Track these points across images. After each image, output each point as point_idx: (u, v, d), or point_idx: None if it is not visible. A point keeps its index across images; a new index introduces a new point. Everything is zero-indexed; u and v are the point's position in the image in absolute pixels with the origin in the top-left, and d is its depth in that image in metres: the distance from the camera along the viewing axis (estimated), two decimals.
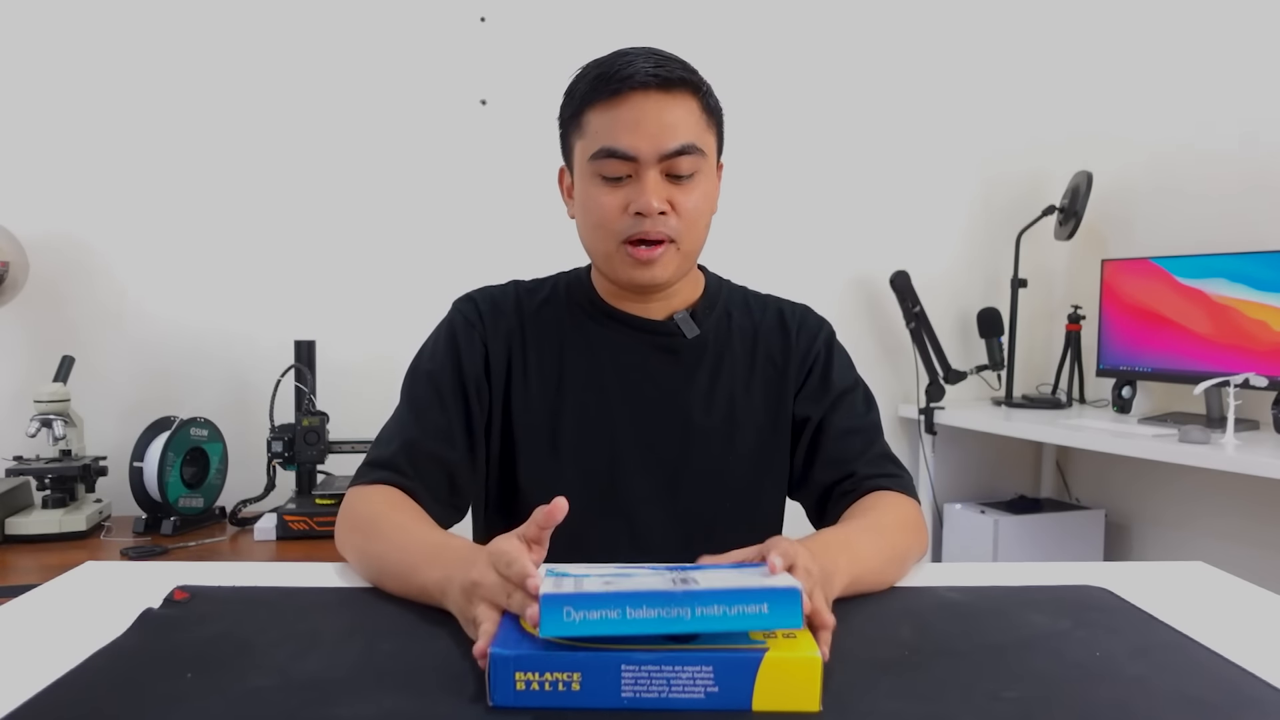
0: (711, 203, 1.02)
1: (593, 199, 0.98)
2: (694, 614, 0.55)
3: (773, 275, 1.49)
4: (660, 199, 0.95)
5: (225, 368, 2.15)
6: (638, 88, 0.93)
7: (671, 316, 1.06)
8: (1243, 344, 2.12)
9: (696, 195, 0.97)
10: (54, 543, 1.72)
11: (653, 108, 0.94)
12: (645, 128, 0.93)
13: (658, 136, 0.94)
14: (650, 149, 0.94)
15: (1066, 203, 2.52)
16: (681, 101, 0.95)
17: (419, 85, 2.26)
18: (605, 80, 0.94)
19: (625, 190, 0.96)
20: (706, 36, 2.41)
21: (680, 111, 0.95)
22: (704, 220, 1.01)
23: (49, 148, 2.06)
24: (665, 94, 0.94)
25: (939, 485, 2.63)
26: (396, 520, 0.89)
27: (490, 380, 1.04)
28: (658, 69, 0.93)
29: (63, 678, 0.60)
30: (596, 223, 0.98)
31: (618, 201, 0.96)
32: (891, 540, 0.88)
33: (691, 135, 0.95)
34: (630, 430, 1.03)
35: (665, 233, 0.96)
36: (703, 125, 0.97)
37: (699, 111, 0.97)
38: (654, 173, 0.95)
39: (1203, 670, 0.65)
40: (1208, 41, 2.37)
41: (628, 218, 0.96)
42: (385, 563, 0.83)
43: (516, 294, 1.09)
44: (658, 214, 0.95)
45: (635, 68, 0.93)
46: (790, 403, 1.07)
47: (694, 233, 0.99)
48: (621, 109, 0.94)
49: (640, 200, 0.94)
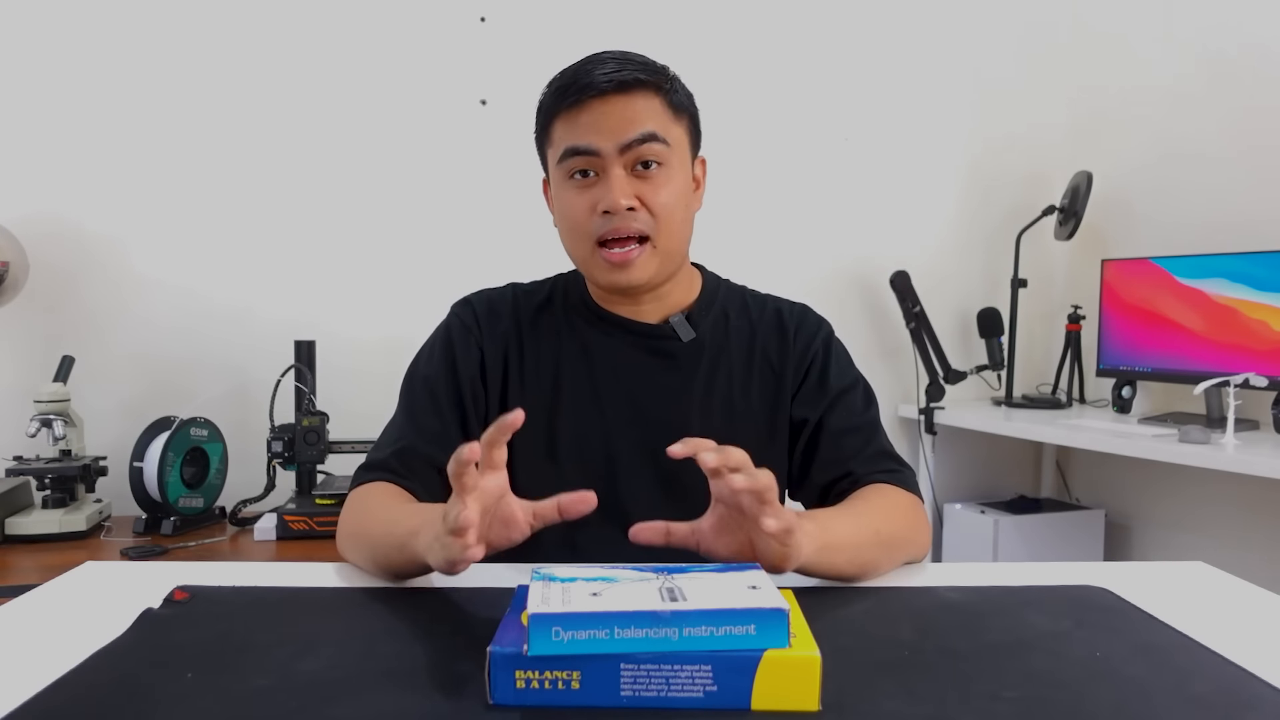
0: (687, 198, 1.01)
1: (565, 203, 0.99)
2: (681, 634, 0.56)
3: (772, 275, 1.49)
4: (626, 194, 0.95)
5: (225, 368, 2.15)
6: (596, 95, 0.94)
7: (667, 320, 1.06)
8: (1243, 344, 2.12)
9: (667, 190, 0.97)
10: (54, 543, 1.72)
11: (613, 109, 0.95)
12: (605, 125, 0.95)
13: (617, 129, 0.95)
14: (610, 142, 0.95)
15: (1066, 203, 2.52)
16: (642, 99, 0.96)
17: (419, 85, 2.26)
18: (565, 91, 0.96)
19: (594, 190, 0.97)
20: (706, 36, 2.41)
21: (640, 107, 0.96)
22: (679, 216, 1.00)
23: (50, 147, 2.06)
24: (624, 95, 0.95)
25: (939, 485, 2.63)
26: (387, 501, 0.93)
27: (486, 385, 1.04)
28: (616, 73, 0.94)
29: (63, 678, 0.60)
30: (570, 226, 0.99)
31: (586, 202, 0.97)
32: (873, 521, 0.88)
33: (653, 126, 0.96)
34: (627, 435, 1.03)
35: (637, 229, 0.96)
36: (667, 118, 0.98)
37: (662, 106, 0.97)
38: (618, 168, 0.95)
39: (1203, 670, 0.65)
40: (1207, 41, 2.37)
41: (597, 217, 0.96)
42: (371, 537, 0.86)
43: (514, 297, 1.09)
44: (625, 210, 0.95)
45: (593, 76, 0.95)
46: (788, 405, 1.06)
47: (669, 229, 0.98)
48: (582, 115, 0.96)
49: (606, 198, 0.95)
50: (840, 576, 0.83)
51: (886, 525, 0.89)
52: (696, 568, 0.66)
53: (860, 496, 0.96)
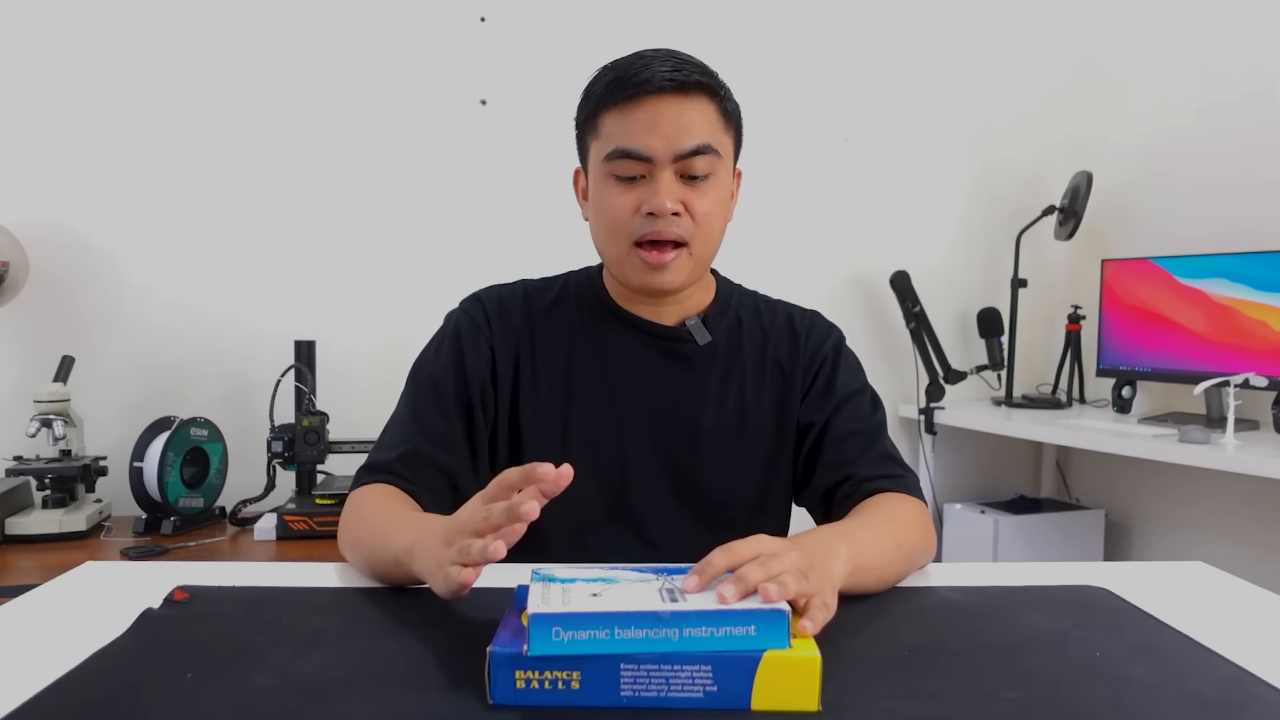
0: (726, 208, 1.01)
1: (606, 200, 0.97)
2: (681, 635, 0.56)
3: (773, 275, 1.49)
4: (674, 199, 0.94)
5: (225, 368, 2.15)
6: (654, 92, 0.93)
7: (684, 322, 1.05)
8: (1243, 344, 2.12)
9: (710, 199, 0.97)
10: (54, 543, 1.72)
11: (669, 110, 0.93)
12: (660, 128, 0.93)
13: (673, 137, 0.93)
14: (665, 149, 0.93)
15: (1066, 203, 2.52)
16: (698, 104, 0.95)
17: (419, 85, 2.26)
18: (621, 84, 0.94)
19: (638, 191, 0.95)
20: (706, 36, 2.41)
21: (696, 113, 0.94)
22: (718, 225, 1.00)
23: (50, 147, 2.06)
24: (682, 97, 0.94)
25: (939, 485, 2.63)
26: (383, 507, 0.91)
27: (497, 385, 1.03)
28: (675, 73, 0.93)
29: (63, 678, 0.60)
30: (609, 224, 0.98)
31: (630, 202, 0.95)
32: (895, 535, 0.87)
33: (707, 136, 0.95)
34: (640, 437, 1.03)
35: (677, 234, 0.95)
36: (720, 128, 0.97)
37: (716, 114, 0.96)
38: (668, 173, 0.94)
39: (1203, 670, 0.65)
40: (1207, 41, 2.37)
41: (640, 218, 0.95)
42: (367, 546, 0.85)
43: (525, 294, 1.08)
44: (670, 215, 0.94)
45: (652, 71, 0.93)
46: (796, 409, 1.06)
47: (707, 237, 0.98)
48: (637, 112, 0.94)
49: (653, 200, 0.94)
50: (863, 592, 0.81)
51: (907, 538, 0.89)
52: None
53: (877, 507, 0.94)
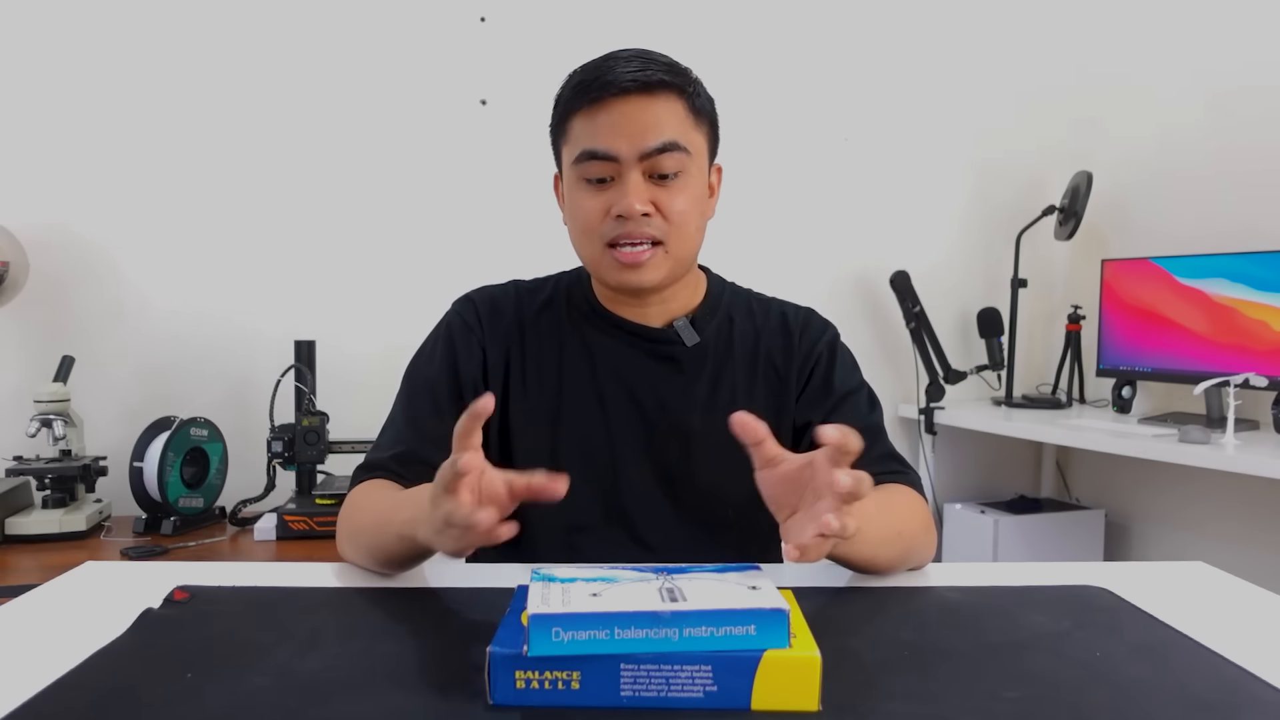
0: (703, 206, 1.00)
1: (578, 204, 0.97)
2: (681, 635, 0.56)
3: (773, 275, 1.49)
4: (642, 200, 0.93)
5: (225, 368, 2.15)
6: (618, 94, 0.92)
7: (671, 323, 1.05)
8: (1243, 344, 2.12)
9: (683, 197, 0.96)
10: (54, 543, 1.72)
11: (633, 110, 0.93)
12: (625, 128, 0.93)
13: (637, 136, 0.93)
14: (630, 149, 0.93)
15: (1066, 203, 2.52)
16: (664, 102, 0.94)
17: (419, 85, 2.26)
18: (586, 87, 0.94)
19: (608, 193, 0.95)
20: (706, 36, 2.41)
21: (662, 111, 0.94)
22: (693, 223, 0.98)
23: (50, 147, 2.06)
24: (647, 96, 0.93)
25: (939, 485, 2.63)
26: (378, 494, 0.93)
27: (488, 385, 1.03)
28: (639, 72, 0.92)
29: (63, 678, 0.60)
30: (582, 227, 0.98)
31: (600, 205, 0.95)
32: (897, 522, 0.87)
33: (674, 133, 0.94)
34: (630, 439, 1.02)
35: (649, 234, 0.95)
36: (688, 124, 0.96)
37: (684, 111, 0.95)
38: (635, 174, 0.94)
39: (1203, 670, 0.65)
40: (1207, 40, 2.37)
41: (610, 220, 0.95)
42: (367, 533, 0.87)
43: (517, 295, 1.08)
44: (640, 215, 0.93)
45: (615, 74, 0.92)
46: (792, 408, 1.05)
47: (683, 236, 0.97)
48: (601, 114, 0.93)
49: (621, 202, 0.93)
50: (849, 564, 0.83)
51: (907, 527, 0.89)
52: (696, 568, 0.66)
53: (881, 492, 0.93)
